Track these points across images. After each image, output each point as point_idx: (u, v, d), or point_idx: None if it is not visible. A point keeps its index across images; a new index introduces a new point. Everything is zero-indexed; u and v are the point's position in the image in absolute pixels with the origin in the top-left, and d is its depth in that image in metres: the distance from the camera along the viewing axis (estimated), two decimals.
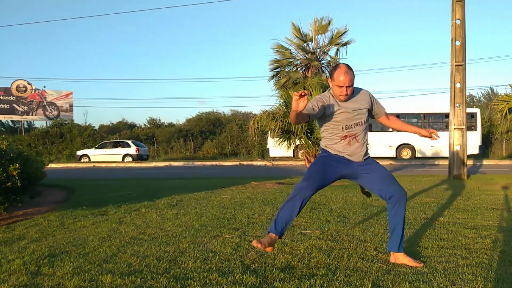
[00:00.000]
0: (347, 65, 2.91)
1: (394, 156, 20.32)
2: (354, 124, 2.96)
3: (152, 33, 64.01)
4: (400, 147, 20.34)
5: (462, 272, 2.73)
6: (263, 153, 23.36)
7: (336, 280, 2.60)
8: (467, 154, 19.08)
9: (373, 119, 3.19)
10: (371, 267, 2.87)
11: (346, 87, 2.86)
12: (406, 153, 20.29)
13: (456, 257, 3.10)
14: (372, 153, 16.69)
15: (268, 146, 21.19)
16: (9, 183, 4.82)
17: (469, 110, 19.81)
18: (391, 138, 20.27)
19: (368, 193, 3.48)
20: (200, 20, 64.36)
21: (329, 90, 3.06)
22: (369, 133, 22.58)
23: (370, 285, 2.51)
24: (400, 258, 2.91)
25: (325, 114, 2.92)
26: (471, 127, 19.21)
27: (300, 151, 20.26)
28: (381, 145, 20.14)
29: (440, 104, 22.37)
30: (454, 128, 10.40)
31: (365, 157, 3.02)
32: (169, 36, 64.58)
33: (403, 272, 2.76)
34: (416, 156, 20.09)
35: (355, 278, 2.65)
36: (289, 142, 8.59)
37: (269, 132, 21.17)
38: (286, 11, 59.76)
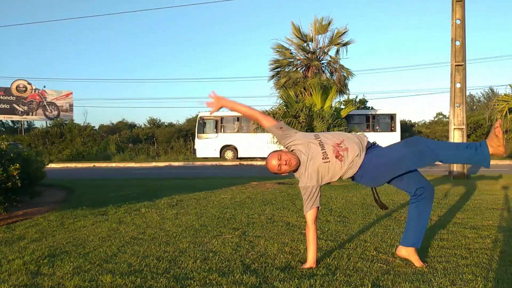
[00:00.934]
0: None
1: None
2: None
3: (152, 33, 64.05)
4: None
5: (462, 272, 2.73)
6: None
7: (336, 280, 2.60)
8: None
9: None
10: (371, 267, 2.87)
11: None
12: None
13: (456, 257, 3.10)
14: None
15: (195, 147, 21.52)
16: (9, 183, 4.82)
17: (388, 111, 20.79)
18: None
19: (384, 205, 3.22)
20: (200, 20, 64.40)
21: None
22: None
23: (370, 285, 2.51)
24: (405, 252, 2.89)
25: None
26: (390, 129, 20.08)
27: (227, 152, 20.95)
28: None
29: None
30: (454, 128, 10.40)
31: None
32: (169, 36, 64.62)
33: (403, 272, 2.76)
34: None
35: (355, 278, 2.65)
36: None
37: (196, 133, 21.63)
38: (286, 11, 59.80)
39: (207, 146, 21.08)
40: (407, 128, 26.65)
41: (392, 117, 20.50)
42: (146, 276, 2.73)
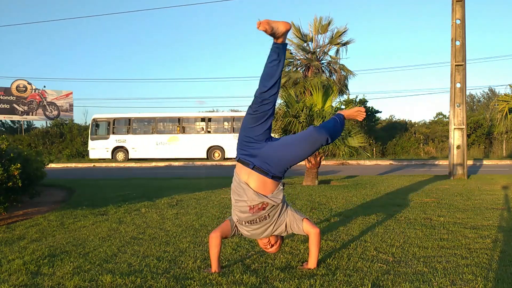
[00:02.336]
0: None
1: (206, 157, 21.12)
2: None
3: (152, 33, 64.03)
4: (211, 149, 21.19)
5: (462, 272, 2.73)
6: None
7: (336, 280, 2.60)
8: None
9: None
10: (371, 267, 2.87)
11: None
12: (217, 155, 21.18)
13: (456, 257, 3.10)
14: (186, 155, 16.96)
15: (88, 148, 21.63)
16: (10, 183, 4.82)
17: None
18: (202, 140, 21.24)
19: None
20: (200, 20, 64.39)
21: None
22: (183, 136, 21.12)
23: (370, 285, 2.51)
24: None
25: None
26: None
27: (119, 154, 21.20)
28: (193, 146, 21.02)
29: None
30: (454, 128, 10.40)
31: None
32: (169, 36, 64.62)
33: (403, 272, 2.76)
34: (226, 157, 20.99)
35: (355, 278, 2.65)
36: None
37: (89, 134, 21.79)
38: (286, 11, 59.78)
39: (99, 147, 21.27)
40: (407, 128, 26.64)
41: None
42: (146, 276, 2.73)
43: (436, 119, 28.77)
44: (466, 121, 10.51)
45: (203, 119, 21.78)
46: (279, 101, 9.04)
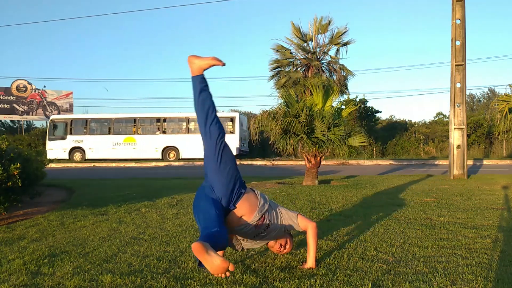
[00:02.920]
0: None
1: (161, 157, 21.26)
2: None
3: (152, 33, 64.04)
4: (166, 149, 21.37)
5: (462, 272, 2.73)
6: (263, 153, 23.39)
7: (336, 280, 2.60)
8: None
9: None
10: (371, 267, 2.87)
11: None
12: (172, 155, 21.34)
13: (456, 257, 3.10)
14: (142, 155, 17.08)
15: (46, 149, 21.74)
16: (10, 183, 4.82)
17: (229, 114, 21.64)
18: (157, 141, 21.44)
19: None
20: (200, 20, 64.40)
21: None
22: (138, 136, 21.35)
23: (370, 285, 2.51)
24: None
25: None
26: (230, 131, 20.78)
27: (76, 154, 21.53)
28: (148, 147, 21.26)
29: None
30: (454, 128, 10.40)
31: None
32: (169, 36, 64.61)
33: (403, 272, 2.76)
34: (181, 157, 21.16)
35: (355, 278, 2.65)
36: (290, 142, 8.59)
37: (47, 135, 21.91)
38: (286, 10, 59.78)
39: (57, 147, 21.45)
40: (407, 128, 26.64)
41: (232, 119, 21.21)
42: (146, 276, 2.73)
43: (436, 119, 28.79)
44: (466, 121, 10.51)
45: (158, 120, 22.01)
46: (279, 101, 9.04)
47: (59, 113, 28.20)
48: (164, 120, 21.90)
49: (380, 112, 25.69)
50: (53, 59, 58.30)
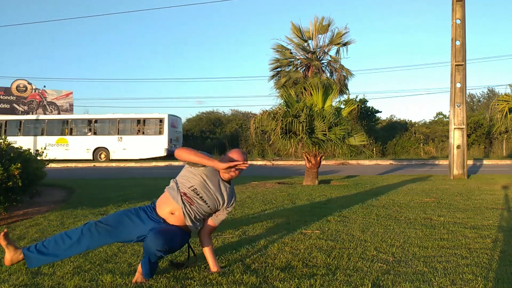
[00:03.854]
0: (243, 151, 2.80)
1: (92, 158, 21.45)
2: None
3: (152, 33, 64.02)
4: (97, 150, 21.58)
5: (462, 272, 2.73)
6: (263, 153, 23.39)
7: (336, 280, 2.60)
8: (154, 156, 20.56)
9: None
10: (371, 267, 2.87)
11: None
12: (103, 156, 21.57)
13: (456, 256, 3.10)
14: (71, 156, 17.12)
15: None
16: (10, 183, 4.82)
17: (158, 115, 21.61)
18: (88, 142, 21.68)
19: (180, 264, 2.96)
20: (200, 20, 64.36)
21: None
22: (70, 137, 21.45)
23: (370, 284, 2.51)
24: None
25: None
26: (159, 132, 21.15)
27: None
28: (80, 148, 21.44)
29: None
30: (454, 128, 10.40)
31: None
32: (169, 36, 64.58)
33: (403, 272, 2.76)
34: (111, 158, 21.42)
35: (355, 277, 2.65)
36: (290, 142, 8.59)
37: None
38: (286, 10, 59.72)
39: None
40: (407, 128, 26.65)
41: (161, 121, 21.41)
42: None
43: (436, 119, 28.77)
44: (466, 121, 10.52)
45: (89, 121, 22.24)
46: (279, 101, 9.05)
47: (59, 113, 28.23)
48: (96, 122, 22.19)
49: (380, 112, 25.69)
50: (53, 59, 58.26)
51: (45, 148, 7.42)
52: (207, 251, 2.83)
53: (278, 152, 18.57)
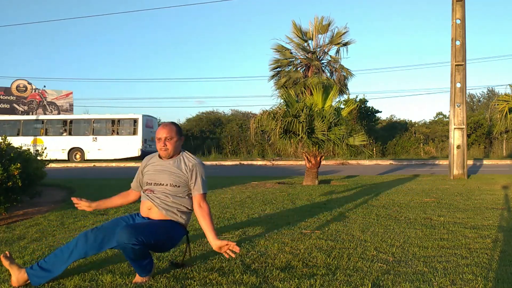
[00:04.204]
0: (172, 122, 2.94)
1: (67, 158, 21.52)
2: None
3: (152, 33, 64.01)
4: (72, 151, 21.66)
5: (462, 272, 2.73)
6: (263, 153, 23.39)
7: (336, 280, 2.60)
8: (128, 156, 20.73)
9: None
10: (371, 267, 2.87)
11: (164, 138, 2.82)
12: (78, 156, 21.67)
13: (456, 256, 3.10)
14: (49, 156, 16.13)
15: None
16: (10, 183, 4.82)
17: (132, 116, 21.74)
18: (63, 142, 21.75)
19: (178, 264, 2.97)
20: (200, 20, 64.34)
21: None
22: (46, 138, 21.49)
23: (370, 284, 2.51)
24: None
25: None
26: (133, 132, 21.30)
27: None
28: (55, 148, 21.35)
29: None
30: (454, 128, 10.40)
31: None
32: (169, 36, 64.57)
33: (403, 272, 2.76)
34: (86, 158, 21.52)
35: (355, 277, 2.65)
36: (290, 142, 8.59)
37: None
38: (286, 10, 59.73)
39: None
40: (408, 128, 26.64)
41: (135, 121, 21.49)
42: None
43: (436, 119, 28.79)
44: (466, 121, 10.52)
45: (65, 122, 22.34)
46: (279, 100, 9.05)
47: (59, 113, 28.21)
48: (71, 122, 22.25)
49: (380, 112, 25.70)
50: (53, 59, 58.26)
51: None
52: (203, 225, 2.73)
53: (278, 152, 18.60)
